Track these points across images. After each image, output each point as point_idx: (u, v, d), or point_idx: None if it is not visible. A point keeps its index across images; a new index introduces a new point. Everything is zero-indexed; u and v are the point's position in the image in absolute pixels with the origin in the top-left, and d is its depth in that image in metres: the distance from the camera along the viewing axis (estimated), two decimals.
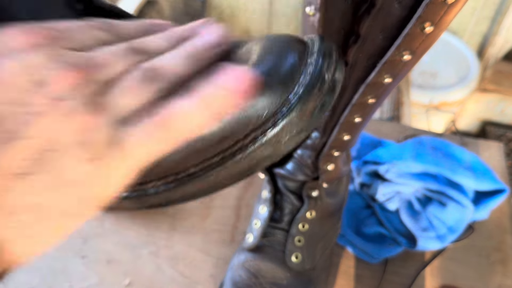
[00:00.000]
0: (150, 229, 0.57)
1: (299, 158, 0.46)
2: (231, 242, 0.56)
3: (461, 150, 0.58)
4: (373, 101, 0.37)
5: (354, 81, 0.38)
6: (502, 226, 0.59)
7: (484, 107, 1.75)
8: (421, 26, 0.30)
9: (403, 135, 0.69)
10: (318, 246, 0.50)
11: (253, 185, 0.62)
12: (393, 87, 0.37)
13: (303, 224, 0.48)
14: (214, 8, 1.76)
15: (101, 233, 0.56)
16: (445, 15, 0.29)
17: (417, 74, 1.54)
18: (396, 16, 0.32)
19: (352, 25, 0.35)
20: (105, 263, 0.53)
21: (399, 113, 0.96)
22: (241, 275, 0.47)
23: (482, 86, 1.68)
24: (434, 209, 0.54)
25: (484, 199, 0.57)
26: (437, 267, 0.55)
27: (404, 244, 0.54)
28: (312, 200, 0.47)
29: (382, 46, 0.34)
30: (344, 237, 0.56)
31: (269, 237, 0.49)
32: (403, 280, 0.54)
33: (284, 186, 0.49)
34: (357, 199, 0.60)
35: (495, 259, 0.56)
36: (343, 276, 0.54)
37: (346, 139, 0.42)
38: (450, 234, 0.53)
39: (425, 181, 0.54)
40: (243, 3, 1.71)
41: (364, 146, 0.65)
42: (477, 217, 0.58)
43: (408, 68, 0.34)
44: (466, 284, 0.54)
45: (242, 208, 0.60)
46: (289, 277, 0.47)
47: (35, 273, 0.52)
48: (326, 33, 0.35)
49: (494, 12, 1.53)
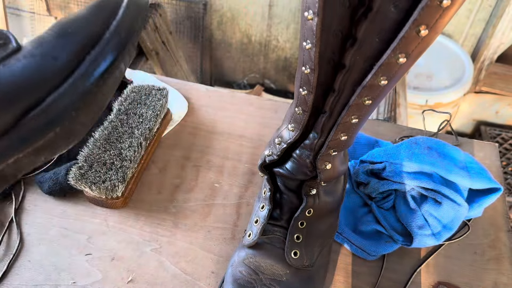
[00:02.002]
0: (153, 227, 0.57)
1: (298, 157, 0.47)
2: (232, 239, 0.57)
3: (456, 150, 0.58)
4: (370, 103, 0.38)
5: (351, 83, 0.39)
6: (497, 224, 0.60)
7: (479, 108, 1.77)
8: (417, 29, 0.30)
9: (400, 135, 0.70)
10: (317, 244, 0.50)
11: (253, 184, 0.63)
12: (389, 88, 0.38)
13: (302, 222, 0.49)
14: (215, 11, 1.77)
15: (105, 231, 0.57)
16: (441, 18, 0.30)
17: (413, 76, 1.55)
18: (392, 19, 0.32)
19: (349, 28, 0.36)
20: (109, 260, 0.54)
21: (395, 114, 0.97)
22: (241, 272, 0.48)
23: (477, 88, 1.69)
24: (430, 207, 0.54)
25: (479, 198, 0.57)
26: (433, 264, 0.56)
27: (400, 241, 0.55)
28: (310, 199, 0.48)
29: (379, 49, 0.35)
30: (342, 234, 0.57)
31: (268, 234, 0.50)
32: (400, 277, 0.55)
33: (284, 185, 0.50)
34: (354, 197, 0.61)
35: (490, 256, 0.57)
36: (341, 273, 0.55)
37: (343, 139, 0.43)
38: (445, 231, 0.54)
39: (420, 180, 0.54)
40: (244, 7, 1.72)
41: (361, 146, 0.66)
42: (471, 215, 0.58)
43: (403, 71, 0.35)
44: (461, 281, 0.55)
45: (242, 207, 0.61)
46: (288, 273, 0.48)
47: (40, 270, 0.53)
48: (324, 36, 0.36)
49: (489, 15, 1.54)
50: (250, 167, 0.65)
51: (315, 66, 0.37)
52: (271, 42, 1.81)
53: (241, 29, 1.80)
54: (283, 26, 1.74)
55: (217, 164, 0.65)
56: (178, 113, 0.71)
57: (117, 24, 0.32)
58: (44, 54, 0.29)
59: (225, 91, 0.77)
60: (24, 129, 0.28)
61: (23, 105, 0.28)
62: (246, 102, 0.75)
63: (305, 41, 0.36)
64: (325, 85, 0.41)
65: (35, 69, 0.29)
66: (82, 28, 0.31)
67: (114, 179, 0.55)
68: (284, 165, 0.48)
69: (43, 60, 0.29)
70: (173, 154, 0.66)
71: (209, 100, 0.75)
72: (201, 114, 0.72)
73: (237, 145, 0.68)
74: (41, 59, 0.29)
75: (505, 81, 1.66)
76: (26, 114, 0.28)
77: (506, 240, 0.59)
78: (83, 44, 0.31)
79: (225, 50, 1.89)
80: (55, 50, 0.30)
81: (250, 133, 0.70)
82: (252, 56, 1.89)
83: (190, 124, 0.71)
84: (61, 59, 0.30)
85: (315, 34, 0.34)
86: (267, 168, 0.50)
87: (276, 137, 0.47)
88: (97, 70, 0.31)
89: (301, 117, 0.43)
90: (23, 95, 0.28)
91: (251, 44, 1.84)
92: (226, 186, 0.63)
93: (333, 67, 0.39)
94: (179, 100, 0.73)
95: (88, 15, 0.32)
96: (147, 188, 0.62)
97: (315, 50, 0.36)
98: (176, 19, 1.78)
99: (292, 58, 1.85)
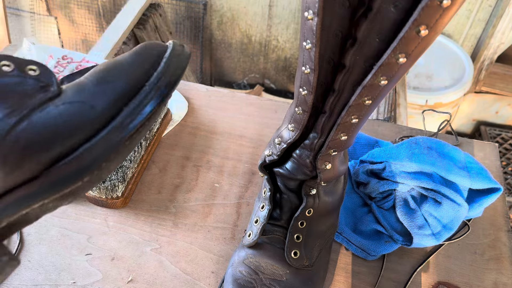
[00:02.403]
0: (153, 227, 0.58)
1: (298, 157, 0.47)
2: (232, 239, 0.57)
3: (456, 150, 0.58)
4: (370, 103, 0.38)
5: (351, 83, 0.39)
6: (497, 224, 0.60)
7: (479, 108, 1.77)
8: (417, 29, 0.30)
9: (400, 135, 0.70)
10: (317, 244, 0.50)
11: (253, 184, 0.63)
12: (389, 89, 0.38)
13: (302, 222, 0.49)
14: (215, 11, 1.77)
15: (105, 231, 0.57)
16: (441, 19, 0.30)
17: (413, 76, 1.55)
18: (392, 19, 0.32)
19: (349, 28, 0.36)
20: (109, 260, 0.54)
21: (395, 114, 0.97)
22: (241, 272, 0.48)
23: (477, 88, 1.69)
24: (430, 207, 0.54)
25: (479, 198, 0.57)
26: (433, 264, 0.56)
27: (400, 241, 0.55)
28: (310, 199, 0.48)
29: (379, 49, 0.35)
30: (341, 234, 0.57)
31: (268, 234, 0.50)
32: (400, 277, 0.55)
33: (284, 185, 0.50)
34: (354, 197, 0.61)
35: (490, 256, 0.57)
36: (341, 273, 0.55)
37: (343, 139, 0.43)
38: (445, 231, 0.54)
39: (420, 180, 0.54)
40: (244, 7, 1.72)
41: (361, 146, 0.66)
42: (472, 215, 0.59)
43: (403, 71, 0.35)
44: (461, 281, 0.55)
45: (242, 207, 0.61)
46: (288, 273, 0.48)
47: (40, 270, 0.53)
48: (324, 37, 0.36)
49: (489, 15, 1.55)
50: (250, 167, 0.65)
51: (315, 66, 0.37)
52: (271, 42, 1.81)
53: (241, 29, 1.80)
54: (283, 26, 1.74)
55: (217, 164, 0.66)
56: (178, 113, 0.71)
57: (158, 76, 0.31)
58: (82, 101, 0.29)
59: (225, 91, 0.77)
60: (55, 176, 0.27)
61: (56, 152, 0.27)
62: (246, 102, 0.75)
63: (305, 41, 0.36)
64: (325, 85, 0.41)
65: (72, 116, 0.28)
66: (123, 77, 0.30)
67: (114, 179, 0.55)
68: (284, 165, 0.48)
69: (80, 108, 0.28)
70: (173, 154, 0.66)
71: (209, 100, 0.75)
72: (201, 114, 0.73)
73: (237, 145, 0.68)
74: (79, 106, 0.28)
75: (505, 81, 1.66)
76: (58, 161, 0.28)
77: (506, 240, 0.59)
78: (122, 94, 0.30)
79: (225, 50, 1.89)
80: (93, 99, 0.29)
81: (250, 133, 0.70)
82: (252, 56, 1.89)
83: (190, 124, 0.71)
84: (99, 108, 0.29)
85: (315, 34, 0.34)
86: (267, 168, 0.50)
87: (276, 137, 0.47)
88: (133, 124, 0.30)
89: (301, 117, 0.43)
90: (57, 142, 0.27)
91: (251, 44, 1.84)
92: (226, 186, 0.63)
93: (333, 67, 0.39)
94: (179, 100, 0.73)
95: (130, 62, 0.31)
96: (147, 188, 0.62)
97: (315, 50, 0.36)
98: (176, 19, 1.78)
99: (292, 58, 1.85)
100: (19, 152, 0.26)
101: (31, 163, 0.26)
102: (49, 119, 0.27)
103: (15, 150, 0.26)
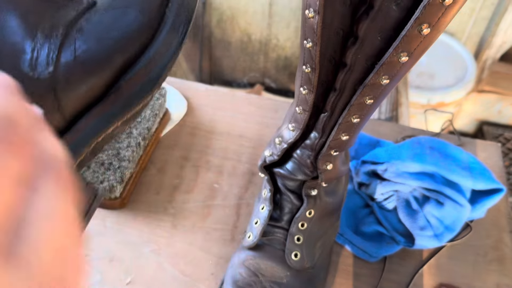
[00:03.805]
0: (151, 228, 0.57)
1: (298, 157, 0.46)
2: (232, 241, 0.57)
3: (459, 150, 0.58)
4: (371, 102, 0.38)
5: (353, 82, 0.38)
6: (499, 225, 0.60)
7: (482, 108, 1.76)
8: (419, 27, 0.30)
9: (401, 135, 0.70)
10: (317, 245, 0.50)
11: (253, 185, 0.63)
12: (391, 88, 0.37)
13: (302, 223, 0.48)
14: (214, 10, 1.76)
15: (103, 232, 0.56)
16: (443, 17, 0.30)
17: (415, 75, 1.55)
18: (394, 17, 0.32)
19: (350, 27, 0.36)
20: (107, 261, 0.53)
21: (397, 114, 0.96)
22: (241, 274, 0.47)
23: (479, 87, 1.69)
24: (432, 208, 0.54)
25: (481, 198, 0.57)
26: (435, 265, 0.56)
27: (402, 242, 0.55)
28: (311, 199, 0.48)
29: (380, 47, 0.34)
30: (343, 236, 0.57)
31: (269, 236, 0.50)
32: (401, 279, 0.54)
33: (284, 185, 0.50)
34: (355, 198, 0.61)
35: (493, 257, 0.56)
36: (342, 275, 0.54)
37: (344, 139, 0.42)
38: (448, 232, 0.54)
39: (422, 181, 0.54)
40: (243, 5, 1.71)
41: (363, 146, 0.66)
42: (474, 216, 0.58)
43: (405, 69, 0.35)
44: (463, 282, 0.54)
45: (242, 207, 0.60)
46: (288, 275, 0.48)
47: None
48: (325, 35, 0.36)
49: (491, 13, 1.54)
50: (250, 167, 0.65)
51: (316, 65, 0.37)
52: (271, 41, 1.81)
53: (241, 28, 1.80)
54: (283, 24, 1.74)
55: (216, 164, 0.65)
56: (177, 113, 0.71)
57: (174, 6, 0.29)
58: (127, 6, 0.26)
59: (225, 90, 0.77)
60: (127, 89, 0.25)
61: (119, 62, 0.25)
62: (246, 102, 0.74)
63: (306, 40, 0.36)
64: (326, 84, 0.40)
65: (126, 21, 0.25)
66: None
67: (112, 180, 0.55)
68: (285, 166, 0.48)
69: (129, 12, 0.26)
70: (172, 154, 0.66)
71: (209, 100, 0.74)
72: (201, 114, 0.72)
73: (237, 145, 0.68)
74: (128, 11, 0.26)
75: (508, 80, 1.66)
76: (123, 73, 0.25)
77: (508, 241, 0.58)
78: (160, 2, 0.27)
79: (224, 48, 1.89)
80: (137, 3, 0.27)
81: (250, 133, 0.69)
82: (252, 55, 1.89)
83: (189, 123, 0.70)
84: (146, 12, 0.27)
85: (316, 33, 0.34)
86: (267, 168, 0.50)
87: (276, 137, 0.47)
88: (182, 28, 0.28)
89: (301, 117, 0.42)
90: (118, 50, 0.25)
91: (251, 43, 1.84)
92: (226, 187, 0.62)
93: (334, 65, 0.39)
94: (178, 100, 0.73)
95: None
96: (145, 188, 0.61)
97: (316, 49, 0.35)
98: None
99: (293, 57, 1.84)
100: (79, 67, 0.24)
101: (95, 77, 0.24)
102: (99, 25, 0.25)
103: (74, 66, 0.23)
